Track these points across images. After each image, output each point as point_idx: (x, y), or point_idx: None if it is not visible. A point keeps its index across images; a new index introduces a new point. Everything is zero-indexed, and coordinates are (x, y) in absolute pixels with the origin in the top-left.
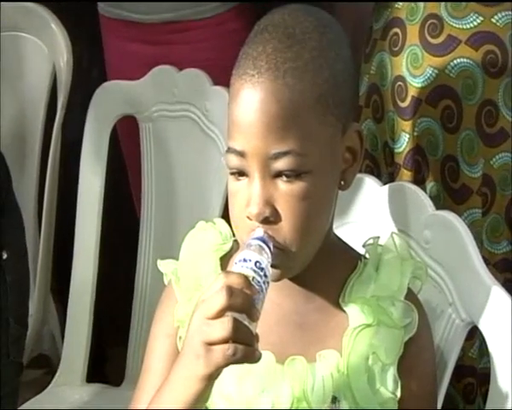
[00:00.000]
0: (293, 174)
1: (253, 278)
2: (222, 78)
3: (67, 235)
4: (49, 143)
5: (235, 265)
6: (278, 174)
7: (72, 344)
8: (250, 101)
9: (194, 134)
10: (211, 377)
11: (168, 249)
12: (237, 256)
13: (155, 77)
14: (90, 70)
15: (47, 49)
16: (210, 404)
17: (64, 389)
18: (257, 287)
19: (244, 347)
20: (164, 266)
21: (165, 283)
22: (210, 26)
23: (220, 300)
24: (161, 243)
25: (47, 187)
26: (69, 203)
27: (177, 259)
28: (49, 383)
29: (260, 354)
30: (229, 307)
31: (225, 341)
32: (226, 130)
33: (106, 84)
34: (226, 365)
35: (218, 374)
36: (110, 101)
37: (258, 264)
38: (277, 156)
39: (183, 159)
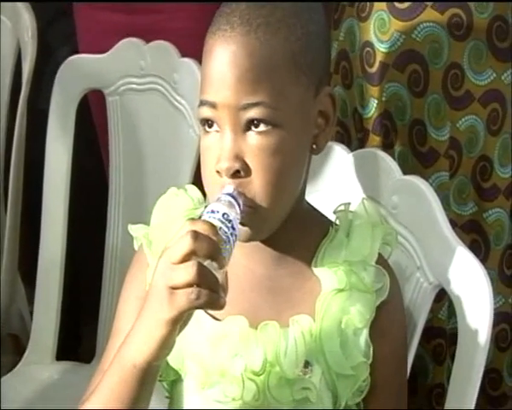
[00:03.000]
0: (264, 125)
1: (220, 228)
2: (199, 47)
3: (34, 211)
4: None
5: (203, 216)
6: (249, 126)
7: (41, 322)
8: (222, 54)
9: (162, 107)
10: (174, 322)
11: (138, 221)
12: (206, 209)
13: (122, 50)
14: (57, 44)
15: (11, 25)
16: (182, 367)
17: (34, 367)
18: (223, 237)
19: (208, 292)
20: (135, 230)
21: (136, 248)
22: None
23: (185, 244)
24: (131, 215)
25: (12, 164)
26: (36, 180)
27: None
28: (18, 362)
29: (225, 302)
30: (193, 252)
31: (189, 285)
32: (195, 102)
33: (71, 59)
34: (190, 309)
35: (183, 320)
36: (76, 75)
37: (225, 215)
38: (248, 107)
39: (151, 132)
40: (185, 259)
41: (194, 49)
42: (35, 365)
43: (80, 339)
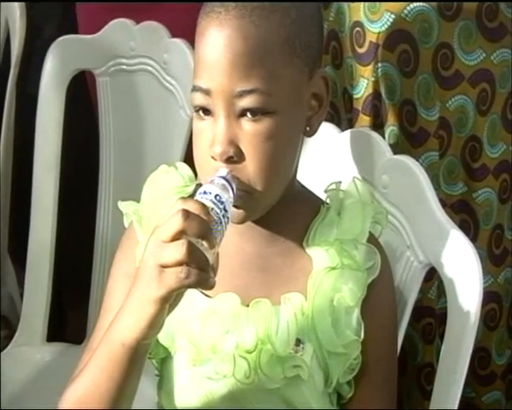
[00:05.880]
0: (258, 113)
1: (212, 209)
2: (194, 23)
3: (24, 194)
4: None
5: (196, 196)
6: (243, 113)
7: (32, 304)
8: (216, 38)
9: (152, 88)
10: (163, 301)
11: (128, 199)
12: (198, 190)
13: (112, 30)
14: (41, 23)
15: None
16: (172, 345)
17: (24, 349)
18: (215, 217)
19: (198, 271)
20: (125, 206)
21: (126, 225)
22: None
23: (175, 223)
24: (121, 195)
25: (2, 145)
26: (26, 162)
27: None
28: (8, 344)
29: (214, 282)
30: (184, 231)
31: (179, 264)
32: (185, 82)
33: (61, 39)
34: (179, 288)
35: (173, 299)
36: (66, 56)
37: (218, 197)
38: (242, 94)
39: (141, 113)
40: (175, 237)
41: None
42: (26, 346)
43: (67, 320)
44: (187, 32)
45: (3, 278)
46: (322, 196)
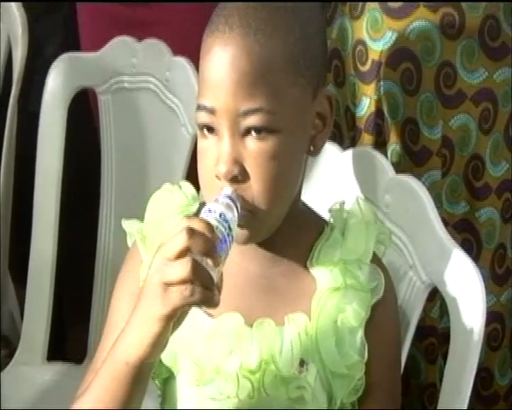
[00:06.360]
0: (263, 131)
1: (217, 227)
2: (197, 41)
3: (25, 211)
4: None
5: (200, 215)
6: (247, 132)
7: (32, 323)
8: (221, 57)
9: (154, 105)
10: (168, 319)
11: (130, 219)
12: (203, 209)
13: (114, 48)
14: (44, 40)
15: (1, 23)
16: (175, 365)
17: (24, 368)
18: (220, 236)
19: (202, 289)
20: (129, 225)
21: (129, 244)
22: None
23: (180, 241)
24: (123, 213)
25: (3, 163)
26: (27, 178)
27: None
28: (8, 363)
29: (219, 300)
30: (189, 248)
31: (184, 281)
32: (187, 100)
33: (64, 56)
34: (183, 305)
35: (177, 317)
36: (68, 73)
37: (222, 216)
38: (247, 113)
39: (143, 130)
40: (180, 255)
41: (193, 40)
42: (26, 365)
43: (68, 338)
44: (190, 50)
45: (4, 297)
46: (325, 215)
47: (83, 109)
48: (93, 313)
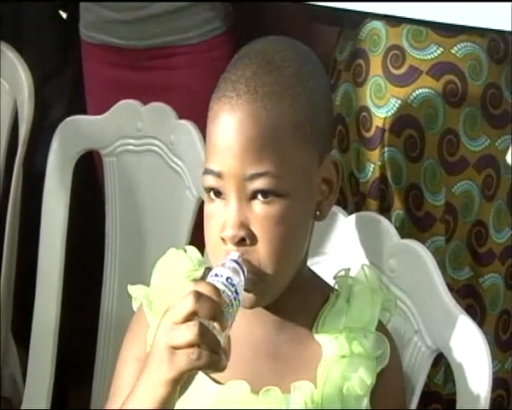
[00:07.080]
0: (269, 195)
1: (224, 291)
2: (201, 105)
3: (29, 274)
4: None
5: (207, 279)
6: (254, 195)
7: (34, 386)
8: (228, 122)
9: (159, 168)
10: (174, 383)
11: (134, 283)
12: (210, 273)
13: (119, 111)
14: (51, 102)
15: (8, 85)
16: None
17: None
18: (227, 300)
19: (209, 353)
20: (134, 290)
21: (134, 308)
22: (191, 53)
23: (187, 304)
24: (127, 277)
25: (8, 224)
26: (31, 240)
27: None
28: None
29: (226, 364)
30: (196, 312)
31: (191, 345)
32: (192, 163)
33: (69, 119)
34: (190, 369)
35: (183, 381)
36: (73, 136)
37: (229, 280)
38: (253, 177)
39: (148, 193)
40: (187, 319)
41: (195, 106)
42: None
43: (69, 403)
44: (194, 113)
45: (6, 359)
46: (330, 280)
47: (87, 172)
48: (96, 377)
